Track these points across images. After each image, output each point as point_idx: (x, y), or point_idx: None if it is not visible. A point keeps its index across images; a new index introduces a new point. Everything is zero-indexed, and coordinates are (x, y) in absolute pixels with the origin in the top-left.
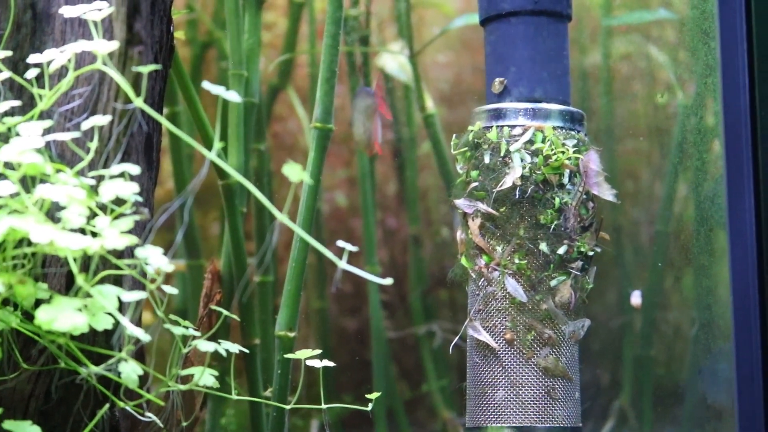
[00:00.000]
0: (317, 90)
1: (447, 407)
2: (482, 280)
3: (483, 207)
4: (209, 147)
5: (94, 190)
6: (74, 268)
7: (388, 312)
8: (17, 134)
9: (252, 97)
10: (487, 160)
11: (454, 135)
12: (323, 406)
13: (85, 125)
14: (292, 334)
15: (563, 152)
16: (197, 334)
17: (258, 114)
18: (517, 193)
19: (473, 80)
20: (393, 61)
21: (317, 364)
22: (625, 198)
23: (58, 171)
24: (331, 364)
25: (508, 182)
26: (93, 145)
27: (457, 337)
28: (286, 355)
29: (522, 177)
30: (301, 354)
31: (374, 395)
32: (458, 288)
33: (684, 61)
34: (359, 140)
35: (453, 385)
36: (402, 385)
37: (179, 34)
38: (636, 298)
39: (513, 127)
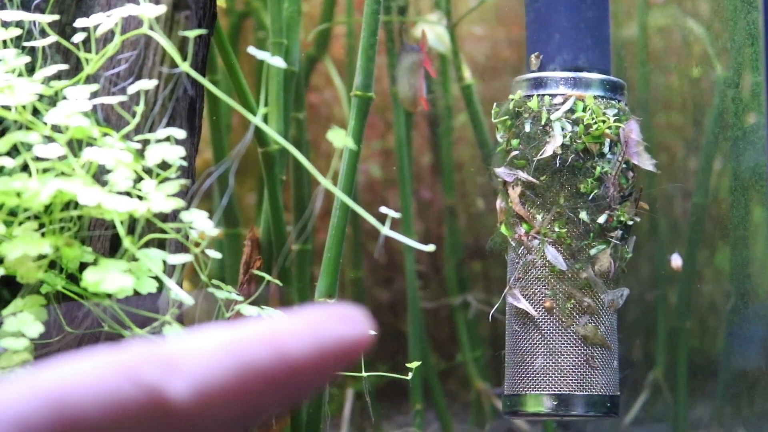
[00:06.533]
0: (358, 58)
1: (481, 378)
2: (522, 248)
3: (523, 175)
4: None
5: (140, 153)
6: (121, 230)
7: (422, 282)
8: (64, 98)
9: (292, 65)
10: (527, 128)
11: (494, 104)
12: (364, 374)
13: (131, 89)
14: (331, 302)
15: (604, 121)
16: (240, 298)
17: (297, 83)
18: (557, 161)
19: (508, 53)
20: (430, 31)
21: None
22: (662, 170)
23: (104, 135)
24: (373, 332)
25: (548, 151)
26: (139, 109)
27: (495, 307)
28: None
29: (562, 146)
30: None
31: (414, 364)
32: (493, 259)
33: (721, 34)
34: (404, 97)
35: (487, 355)
36: (436, 356)
37: (219, 2)
38: (676, 260)
39: (554, 95)
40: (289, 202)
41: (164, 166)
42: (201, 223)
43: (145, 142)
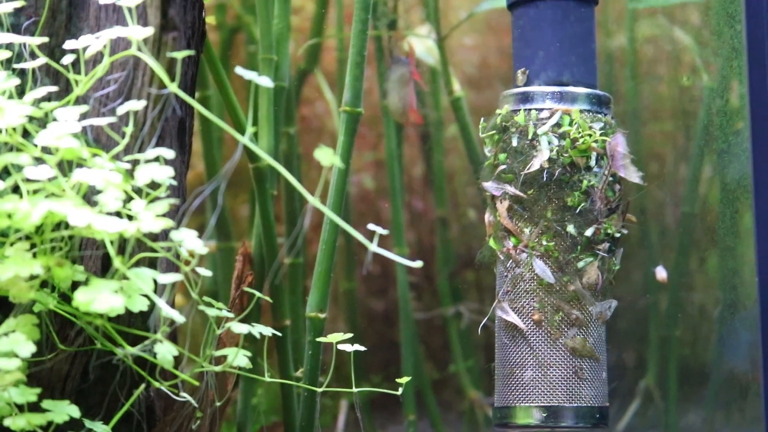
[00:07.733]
0: (347, 74)
1: (474, 387)
2: (510, 261)
3: (511, 189)
4: (240, 130)
5: (129, 174)
6: (111, 250)
7: (415, 293)
8: (54, 119)
9: (282, 80)
10: (514, 143)
11: (482, 118)
12: (354, 389)
13: (121, 110)
14: (322, 316)
15: (590, 135)
16: (230, 315)
17: (287, 98)
18: (544, 175)
19: (499, 64)
20: (420, 44)
21: (348, 348)
22: (651, 180)
23: (94, 155)
24: (362, 348)
25: (535, 165)
26: (128, 129)
27: (486, 319)
28: (318, 339)
29: (549, 160)
30: (332, 337)
31: (404, 379)
32: (485, 269)
33: (709, 44)
34: (394, 110)
35: (480, 365)
36: (429, 366)
37: (209, 19)
38: (661, 273)
39: (540, 110)
40: (281, 214)
41: (154, 185)
42: (191, 242)
43: (135, 163)
